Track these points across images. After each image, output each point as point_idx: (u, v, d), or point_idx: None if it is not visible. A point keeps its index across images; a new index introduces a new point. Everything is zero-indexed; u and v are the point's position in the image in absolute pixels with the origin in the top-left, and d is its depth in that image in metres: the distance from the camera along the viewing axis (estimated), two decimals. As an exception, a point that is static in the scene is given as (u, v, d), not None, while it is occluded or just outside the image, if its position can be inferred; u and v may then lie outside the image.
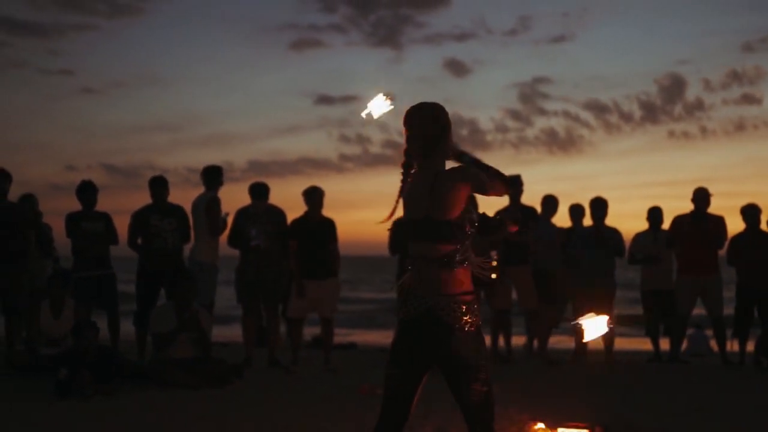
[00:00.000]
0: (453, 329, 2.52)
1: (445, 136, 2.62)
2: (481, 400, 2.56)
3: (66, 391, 5.22)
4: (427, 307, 2.55)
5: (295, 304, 6.70)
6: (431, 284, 2.55)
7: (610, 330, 7.72)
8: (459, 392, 2.57)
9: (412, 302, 2.59)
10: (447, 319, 2.53)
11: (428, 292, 2.55)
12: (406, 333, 2.60)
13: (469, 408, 2.57)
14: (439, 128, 2.62)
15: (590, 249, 7.47)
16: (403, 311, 2.61)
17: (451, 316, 2.53)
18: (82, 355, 5.51)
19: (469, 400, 2.56)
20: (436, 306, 2.53)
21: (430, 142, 2.59)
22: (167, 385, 5.60)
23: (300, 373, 6.44)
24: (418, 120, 2.61)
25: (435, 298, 2.54)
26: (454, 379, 2.57)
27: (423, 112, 2.63)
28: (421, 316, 2.56)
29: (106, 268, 6.85)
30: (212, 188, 7.00)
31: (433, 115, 2.62)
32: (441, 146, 2.61)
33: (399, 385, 2.62)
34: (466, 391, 2.55)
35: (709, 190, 7.51)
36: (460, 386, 2.56)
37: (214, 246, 6.98)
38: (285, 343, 7.56)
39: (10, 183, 6.71)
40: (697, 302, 7.58)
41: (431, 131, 2.60)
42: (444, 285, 2.54)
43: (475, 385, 2.54)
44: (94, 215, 6.85)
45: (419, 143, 2.60)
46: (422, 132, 2.60)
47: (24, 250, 6.66)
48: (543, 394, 5.57)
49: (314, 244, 6.63)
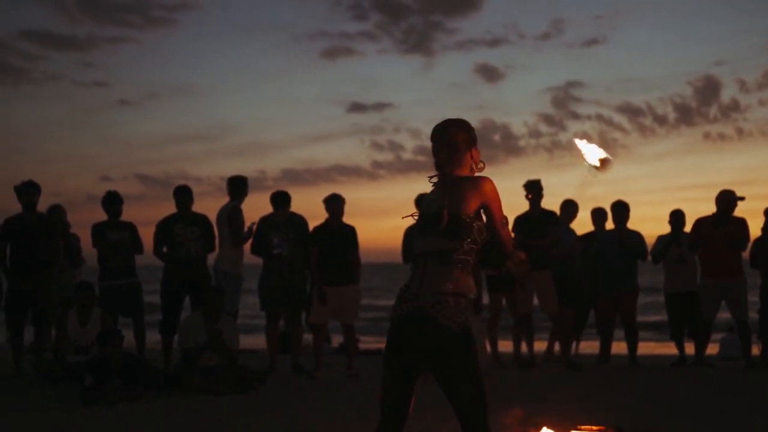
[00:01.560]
0: (441, 326, 2.54)
1: (470, 148, 2.73)
2: (473, 400, 2.56)
3: (92, 398, 5.33)
4: (418, 304, 2.57)
5: (316, 311, 6.76)
6: (426, 282, 2.58)
7: (634, 332, 7.73)
8: (449, 392, 2.58)
9: (403, 301, 2.62)
10: (436, 316, 2.54)
11: (421, 290, 2.58)
12: (397, 332, 2.62)
13: (460, 408, 2.58)
14: (466, 141, 2.72)
15: (613, 252, 7.45)
16: (394, 310, 2.64)
17: (441, 313, 2.54)
18: (108, 363, 5.61)
19: (460, 400, 2.56)
20: (427, 303, 2.56)
21: (455, 153, 2.69)
22: (191, 391, 5.67)
23: (323, 379, 6.49)
24: (435, 135, 2.73)
25: (427, 296, 2.57)
26: (444, 381, 2.58)
27: (450, 127, 2.74)
28: (412, 313, 2.58)
29: (132, 277, 6.97)
30: (236, 198, 7.09)
31: (459, 128, 2.74)
32: (466, 157, 2.72)
33: (393, 386, 2.64)
34: (456, 391, 2.56)
35: (736, 193, 7.38)
36: (451, 386, 2.57)
37: (238, 255, 7.06)
38: (309, 350, 7.61)
39: (39, 194, 6.86)
40: (722, 305, 7.51)
41: (456, 144, 2.70)
42: (438, 283, 2.57)
43: (465, 385, 2.55)
44: (120, 225, 6.98)
45: (445, 154, 2.69)
46: (448, 144, 2.70)
47: (52, 260, 6.80)
48: (563, 398, 5.54)
49: (335, 251, 6.70)
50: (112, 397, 5.36)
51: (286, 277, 6.81)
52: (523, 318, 7.39)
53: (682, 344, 7.80)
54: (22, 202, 6.75)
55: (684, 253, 7.57)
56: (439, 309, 2.54)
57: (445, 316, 2.54)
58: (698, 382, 6.43)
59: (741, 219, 7.44)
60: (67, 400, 5.42)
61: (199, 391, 5.67)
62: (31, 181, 6.81)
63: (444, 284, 2.56)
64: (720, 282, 7.33)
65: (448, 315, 2.54)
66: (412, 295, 2.59)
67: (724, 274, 7.31)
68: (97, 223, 6.95)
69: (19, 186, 6.76)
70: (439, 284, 2.56)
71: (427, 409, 4.37)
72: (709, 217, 7.47)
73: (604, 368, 7.33)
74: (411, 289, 2.62)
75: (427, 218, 2.64)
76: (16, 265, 6.70)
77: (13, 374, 6.61)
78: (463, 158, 2.71)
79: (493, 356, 7.40)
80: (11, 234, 6.69)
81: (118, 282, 6.86)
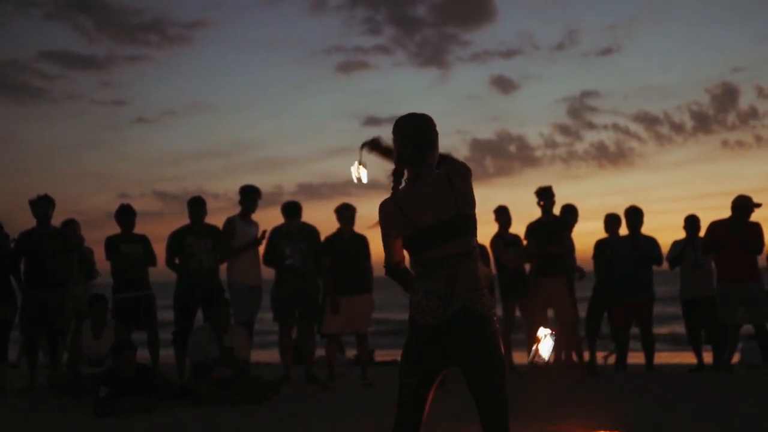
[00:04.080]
0: (486, 319, 2.57)
1: (435, 142, 2.73)
2: (501, 393, 2.58)
3: (106, 410, 5.32)
4: (462, 304, 2.55)
5: (329, 321, 6.75)
6: (461, 281, 2.57)
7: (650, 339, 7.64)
8: (481, 387, 2.57)
9: (438, 306, 2.56)
10: (481, 311, 2.57)
11: (459, 290, 2.56)
12: (432, 338, 2.58)
13: (488, 402, 2.57)
14: (431, 135, 2.71)
15: (628, 258, 7.39)
16: (429, 317, 2.57)
17: (484, 307, 2.58)
18: (122, 375, 5.62)
19: (490, 393, 2.56)
20: (471, 301, 2.56)
21: (423, 148, 2.68)
22: (205, 403, 5.66)
23: (337, 389, 6.46)
24: (411, 128, 2.70)
25: (468, 293, 2.56)
26: (479, 373, 2.57)
27: (414, 121, 2.72)
28: (456, 315, 2.55)
29: (145, 289, 6.98)
30: (245, 207, 7.09)
31: (428, 125, 2.73)
32: (433, 152, 2.71)
33: (416, 391, 2.63)
34: (489, 384, 2.56)
35: (752, 199, 7.32)
36: (484, 380, 2.56)
37: (249, 265, 7.04)
38: (322, 360, 7.59)
39: (53, 208, 6.89)
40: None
41: (423, 138, 2.69)
42: (472, 280, 2.59)
43: (497, 378, 2.57)
44: (133, 238, 7.00)
45: (410, 149, 2.67)
46: (414, 139, 2.68)
47: (67, 274, 6.82)
48: (581, 404, 5.49)
49: (348, 261, 6.69)
50: (126, 410, 5.36)
51: (298, 287, 6.80)
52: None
53: (699, 350, 7.72)
54: (37, 216, 6.80)
55: (700, 258, 7.50)
56: (480, 303, 2.57)
57: (487, 309, 2.59)
58: (716, 388, 6.35)
59: (756, 223, 7.37)
60: (81, 413, 5.42)
61: (213, 402, 5.66)
62: (46, 195, 6.85)
63: (476, 280, 2.59)
64: (737, 285, 7.25)
65: (488, 307, 2.59)
66: (447, 297, 2.56)
67: (740, 277, 7.23)
68: (111, 236, 6.98)
69: (33, 200, 6.81)
70: (472, 281, 2.58)
71: (442, 417, 4.36)
72: (724, 220, 7.41)
73: (621, 375, 7.25)
74: (438, 292, 2.57)
75: (445, 225, 2.59)
76: (30, 279, 6.73)
77: (29, 387, 6.62)
78: (435, 153, 2.73)
79: (509, 365, 7.35)
80: (25, 248, 6.73)
81: (132, 294, 6.87)
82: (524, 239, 7.45)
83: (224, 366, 5.96)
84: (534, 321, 7.29)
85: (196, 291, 6.82)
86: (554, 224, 7.26)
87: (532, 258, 7.32)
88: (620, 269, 7.44)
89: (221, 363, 5.96)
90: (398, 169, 2.69)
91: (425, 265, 2.62)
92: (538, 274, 7.27)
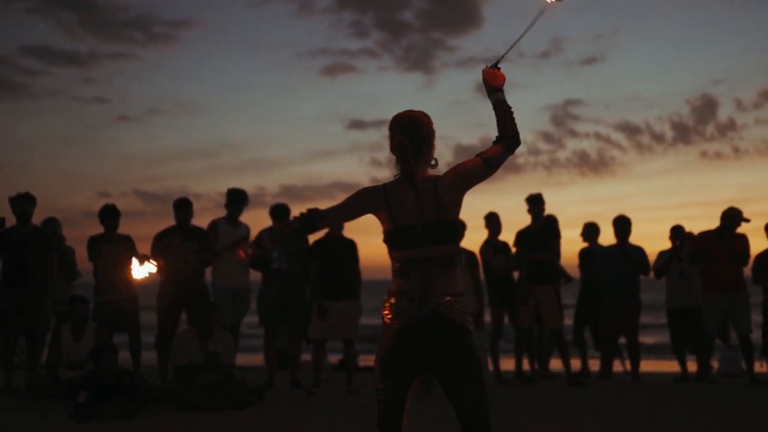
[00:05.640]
0: (462, 328, 2.56)
1: (431, 142, 2.70)
2: (480, 398, 2.55)
3: (86, 415, 5.21)
4: (431, 308, 2.55)
5: (316, 326, 6.66)
6: (435, 286, 2.56)
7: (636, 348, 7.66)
8: (459, 393, 2.55)
9: (409, 307, 2.56)
10: (456, 319, 2.55)
11: (432, 294, 2.56)
12: (403, 341, 2.57)
13: (467, 409, 2.55)
14: (427, 133, 2.68)
15: (615, 267, 7.39)
16: (398, 319, 2.57)
17: (454, 313, 2.56)
18: (103, 379, 5.49)
19: (468, 399, 2.54)
20: (439, 305, 2.55)
21: (418, 145, 2.65)
22: (188, 407, 5.56)
23: (322, 395, 6.38)
24: (407, 125, 2.68)
25: (438, 298, 2.56)
26: (455, 379, 2.56)
27: (411, 118, 2.70)
28: (425, 318, 2.54)
29: (128, 291, 6.86)
30: (231, 210, 6.99)
31: (421, 120, 2.70)
32: (429, 150, 2.69)
33: (390, 398, 2.60)
34: (467, 390, 2.54)
35: (742, 213, 7.34)
36: (461, 386, 2.54)
37: (233, 269, 6.92)
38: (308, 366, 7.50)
39: (33, 206, 6.76)
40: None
41: (422, 135, 2.67)
42: (448, 285, 2.58)
43: (473, 384, 2.55)
44: (117, 238, 6.87)
45: (408, 145, 2.64)
46: (411, 136, 2.65)
47: (45, 274, 6.69)
48: (566, 414, 5.47)
49: (336, 266, 6.61)
50: (107, 414, 5.24)
51: (285, 291, 6.71)
52: (525, 332, 7.31)
53: (684, 360, 7.74)
54: (17, 214, 6.66)
55: (685, 269, 7.52)
56: (451, 309, 2.56)
57: (458, 315, 2.56)
58: (702, 398, 6.37)
59: (742, 235, 7.41)
60: (61, 417, 5.29)
61: (196, 407, 5.55)
62: (27, 194, 6.71)
63: (451, 285, 2.58)
64: (723, 296, 7.28)
65: (460, 313, 2.57)
66: (419, 300, 2.56)
67: (727, 288, 7.27)
68: (94, 236, 6.84)
69: (13, 198, 6.67)
70: (446, 286, 2.57)
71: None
72: (711, 231, 7.43)
73: (607, 384, 7.24)
74: (415, 294, 2.57)
75: (426, 228, 2.59)
76: (9, 279, 6.59)
77: (5, 390, 6.47)
78: (431, 152, 2.71)
79: (495, 372, 7.32)
80: (4, 246, 6.59)
81: (114, 296, 6.74)
82: (513, 246, 7.42)
83: (208, 371, 5.85)
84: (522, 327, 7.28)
85: (180, 294, 6.70)
86: (544, 232, 7.25)
87: (521, 265, 7.29)
88: (608, 278, 7.44)
89: (205, 368, 5.85)
90: (406, 168, 2.64)
91: (401, 263, 2.62)
92: (527, 282, 7.24)
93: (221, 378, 5.86)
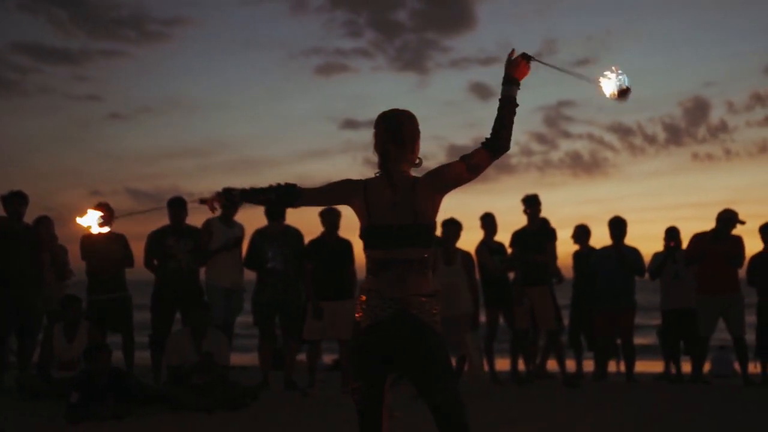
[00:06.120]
0: (430, 329, 2.57)
1: (415, 142, 2.70)
2: (454, 396, 2.57)
3: (78, 416, 5.15)
4: (400, 308, 2.57)
5: (311, 326, 6.62)
6: (406, 286, 2.58)
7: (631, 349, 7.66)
8: (431, 392, 2.57)
9: (378, 306, 2.58)
10: (425, 319, 2.57)
11: (402, 294, 2.57)
12: (373, 339, 2.58)
13: (441, 407, 2.56)
14: (410, 133, 2.68)
15: (610, 269, 7.38)
16: (367, 317, 2.59)
17: (427, 315, 2.58)
18: (95, 379, 5.44)
19: (442, 398, 2.56)
20: (410, 305, 2.57)
21: (401, 144, 2.65)
22: (182, 408, 5.51)
23: (317, 396, 6.35)
24: (390, 123, 2.67)
25: (408, 298, 2.57)
26: (425, 379, 2.57)
27: (395, 117, 2.69)
28: (394, 317, 2.56)
29: (121, 291, 6.80)
30: (222, 212, 6.94)
31: (405, 119, 2.69)
32: (413, 149, 2.68)
33: (365, 397, 2.61)
34: (439, 389, 2.55)
35: (738, 215, 7.33)
36: (432, 385, 2.56)
37: (226, 268, 6.86)
38: (302, 366, 7.46)
39: (26, 205, 6.69)
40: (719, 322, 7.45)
41: (404, 134, 2.66)
42: (419, 286, 2.59)
43: (446, 382, 2.56)
44: (110, 237, 6.79)
45: (390, 144, 2.64)
46: (394, 134, 2.65)
47: (37, 273, 6.62)
48: (561, 415, 5.46)
49: (331, 266, 6.57)
50: (99, 415, 5.19)
51: (280, 291, 6.67)
52: (520, 333, 7.29)
53: (678, 361, 7.74)
54: (8, 213, 6.60)
55: (680, 270, 7.52)
56: (421, 309, 2.58)
57: (428, 315, 2.59)
58: (696, 399, 6.37)
59: (737, 237, 7.41)
60: (52, 418, 5.23)
61: (189, 408, 5.50)
62: (19, 192, 6.65)
63: (422, 287, 2.60)
64: (717, 298, 7.29)
65: (430, 314, 2.59)
66: (390, 299, 2.58)
67: (721, 290, 7.27)
68: (87, 234, 6.77)
69: (5, 196, 6.61)
70: (418, 287, 2.59)
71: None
72: (706, 233, 7.43)
73: (601, 385, 7.23)
74: (385, 293, 2.58)
75: (401, 229, 2.59)
76: (0, 277, 6.51)
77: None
78: (414, 152, 2.71)
79: (491, 373, 7.29)
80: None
81: (107, 296, 6.68)
82: (509, 247, 7.40)
83: (203, 372, 5.80)
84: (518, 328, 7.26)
85: (175, 293, 6.65)
86: (540, 233, 7.23)
87: (517, 266, 7.27)
88: (603, 279, 7.42)
89: (199, 369, 5.79)
90: (386, 166, 2.66)
91: (374, 262, 2.63)
92: (523, 283, 7.22)
93: (215, 378, 5.82)
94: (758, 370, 7.50)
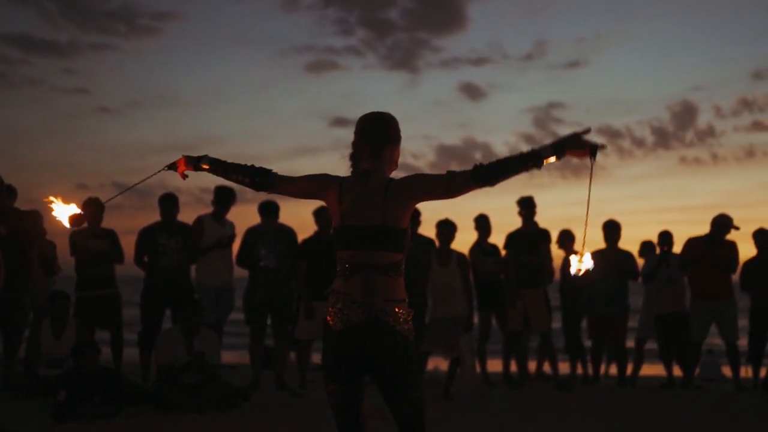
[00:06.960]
0: (401, 335, 2.54)
1: (394, 144, 2.68)
2: (417, 407, 2.56)
3: (66, 415, 5.07)
4: (372, 313, 2.53)
5: (303, 326, 6.55)
6: (377, 291, 2.54)
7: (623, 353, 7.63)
8: (395, 400, 2.56)
9: (350, 310, 2.54)
10: (394, 325, 2.54)
11: (373, 299, 2.54)
12: (343, 343, 2.55)
13: (405, 415, 2.56)
14: (389, 134, 2.66)
15: (603, 272, 7.35)
16: (338, 321, 2.55)
17: (398, 321, 2.55)
18: (83, 377, 5.34)
19: (406, 407, 2.55)
20: (382, 312, 2.53)
21: (378, 146, 2.63)
22: (172, 408, 5.43)
23: (308, 397, 6.28)
24: (369, 124, 2.66)
25: (380, 304, 2.54)
26: (392, 386, 2.55)
27: (375, 119, 2.68)
28: (365, 323, 2.53)
29: (111, 287, 6.70)
30: (218, 208, 6.84)
31: (385, 121, 2.68)
32: (391, 151, 2.67)
33: (340, 400, 2.59)
34: (404, 398, 2.55)
35: (733, 221, 7.31)
36: (398, 393, 2.55)
37: (217, 266, 6.77)
38: (293, 366, 7.39)
39: (14, 199, 6.57)
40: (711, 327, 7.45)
41: (379, 136, 2.64)
42: (390, 292, 2.56)
43: (413, 392, 2.55)
44: (100, 232, 6.70)
45: (369, 146, 2.63)
46: (373, 135, 2.63)
47: (24, 268, 6.50)
48: (554, 418, 5.44)
49: (325, 265, 6.47)
50: (87, 414, 5.10)
51: (272, 290, 6.59)
52: (513, 336, 7.25)
53: (670, 366, 7.73)
54: (-4, 206, 6.47)
55: (673, 275, 7.51)
56: (392, 316, 2.55)
57: (399, 323, 2.56)
58: (688, 403, 6.38)
59: (731, 242, 7.41)
60: (39, 417, 5.14)
61: (180, 408, 5.42)
62: (9, 186, 6.51)
63: (392, 293, 2.57)
64: (710, 303, 7.28)
65: (400, 321, 2.56)
66: (360, 304, 2.54)
67: (714, 295, 7.27)
68: (76, 230, 6.67)
69: (-7, 189, 6.47)
70: (387, 293, 2.56)
71: None
72: (700, 237, 7.42)
73: (594, 389, 7.21)
74: (356, 296, 2.54)
75: (368, 232, 2.55)
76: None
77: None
78: (394, 156, 2.69)
79: (483, 375, 7.26)
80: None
81: (96, 292, 6.58)
82: (503, 249, 7.36)
83: (193, 371, 5.71)
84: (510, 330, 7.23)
85: (165, 291, 6.56)
86: (534, 235, 7.19)
87: (511, 268, 7.23)
88: (596, 283, 7.39)
89: (190, 368, 5.71)
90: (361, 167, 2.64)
91: (343, 264, 2.59)
92: (516, 285, 7.18)
93: (206, 378, 5.74)
94: (749, 374, 7.50)
